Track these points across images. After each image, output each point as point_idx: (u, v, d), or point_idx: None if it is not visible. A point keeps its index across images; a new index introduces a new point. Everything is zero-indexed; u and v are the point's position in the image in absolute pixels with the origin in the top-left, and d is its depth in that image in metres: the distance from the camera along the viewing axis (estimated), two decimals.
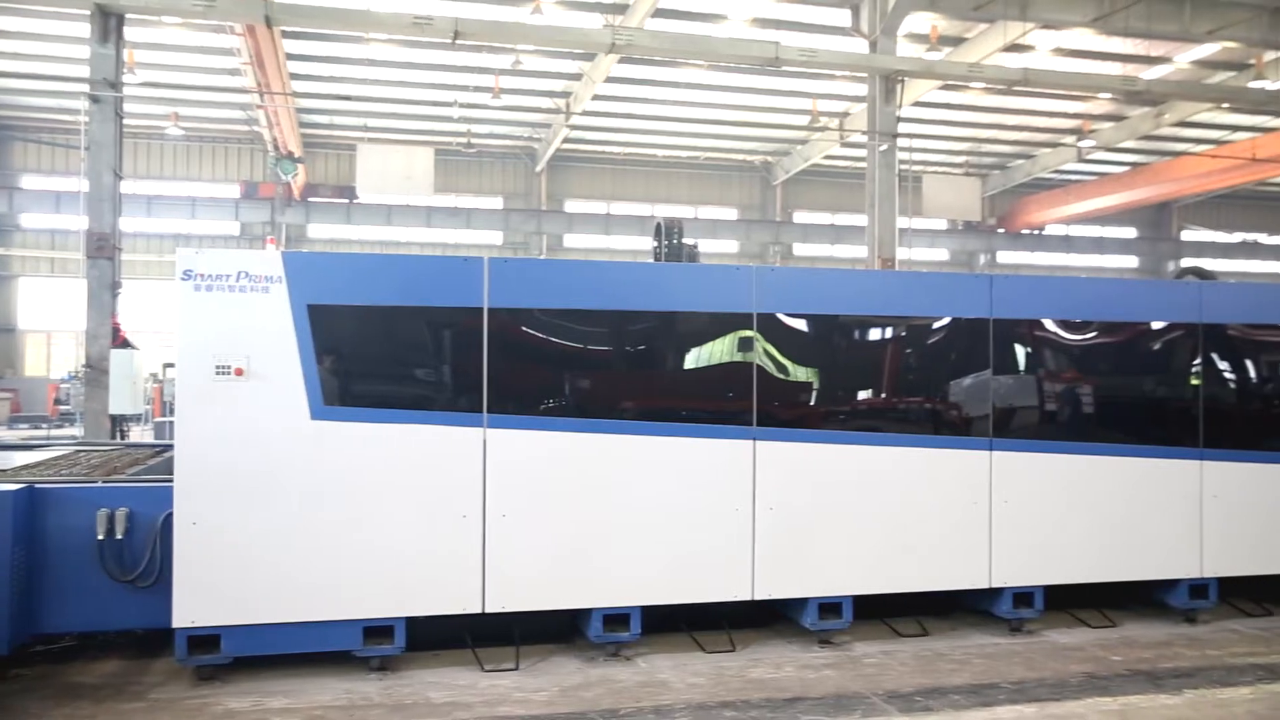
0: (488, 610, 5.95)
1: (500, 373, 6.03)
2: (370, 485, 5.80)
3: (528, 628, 6.28)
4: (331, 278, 5.88)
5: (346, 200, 26.79)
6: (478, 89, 21.75)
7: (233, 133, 26.85)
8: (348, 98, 23.28)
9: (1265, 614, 7.59)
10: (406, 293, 5.96)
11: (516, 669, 5.96)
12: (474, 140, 25.61)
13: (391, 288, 5.94)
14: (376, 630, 5.81)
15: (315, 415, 5.73)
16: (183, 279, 5.62)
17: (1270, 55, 18.67)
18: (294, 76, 21.23)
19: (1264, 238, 33.32)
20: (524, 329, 6.16)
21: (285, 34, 17.99)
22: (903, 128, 15.47)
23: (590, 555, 6.13)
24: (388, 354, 6.00)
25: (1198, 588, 7.27)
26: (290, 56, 19.83)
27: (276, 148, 24.34)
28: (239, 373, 5.62)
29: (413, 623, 5.89)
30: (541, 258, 26.69)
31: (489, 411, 5.99)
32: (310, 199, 27.08)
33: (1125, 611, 7.50)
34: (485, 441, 5.98)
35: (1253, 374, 7.59)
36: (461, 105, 22.87)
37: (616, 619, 6.17)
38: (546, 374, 6.26)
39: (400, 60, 20.53)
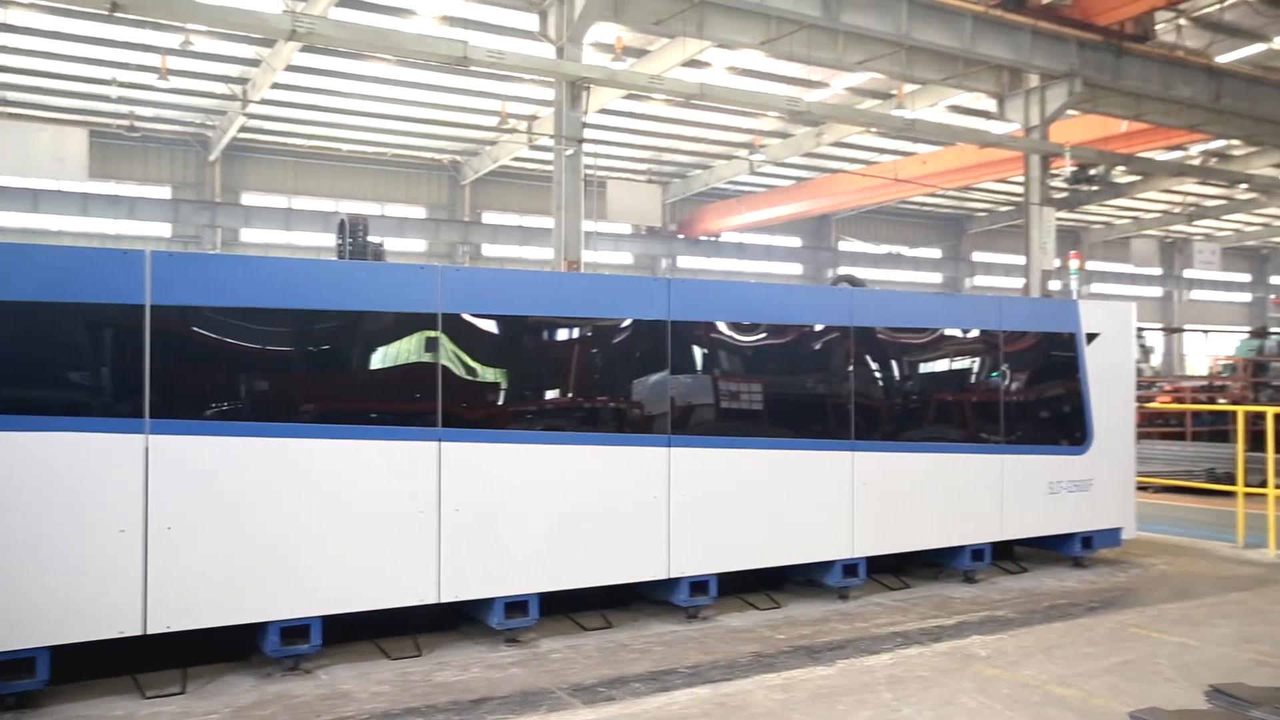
0: (150, 631, 5.51)
1: (166, 375, 5.60)
2: (5, 501, 5.19)
3: (204, 647, 5.88)
4: None
5: None
6: (142, 68, 20.01)
7: None
8: None
9: (904, 587, 8.48)
10: (53, 288, 5.39)
11: (183, 693, 5.56)
12: (137, 123, 23.53)
13: (35, 282, 5.35)
14: (12, 664, 5.20)
15: None
16: None
17: (909, 88, 20.88)
18: None
19: (905, 250, 37.18)
20: (193, 328, 5.76)
21: None
22: (589, 134, 15.90)
23: (267, 565, 5.82)
24: (29, 355, 5.38)
25: (850, 567, 7.99)
26: None
27: None
28: None
29: (61, 652, 5.34)
30: (215, 252, 25.00)
31: (152, 417, 5.54)
32: None
33: (788, 593, 8.13)
34: (147, 449, 5.53)
35: (895, 372, 8.45)
36: (121, 84, 20.95)
37: (297, 631, 5.91)
38: (219, 376, 5.88)
39: (46, 29, 18.49)
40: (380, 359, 6.37)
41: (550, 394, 7.03)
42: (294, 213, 27.40)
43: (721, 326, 7.58)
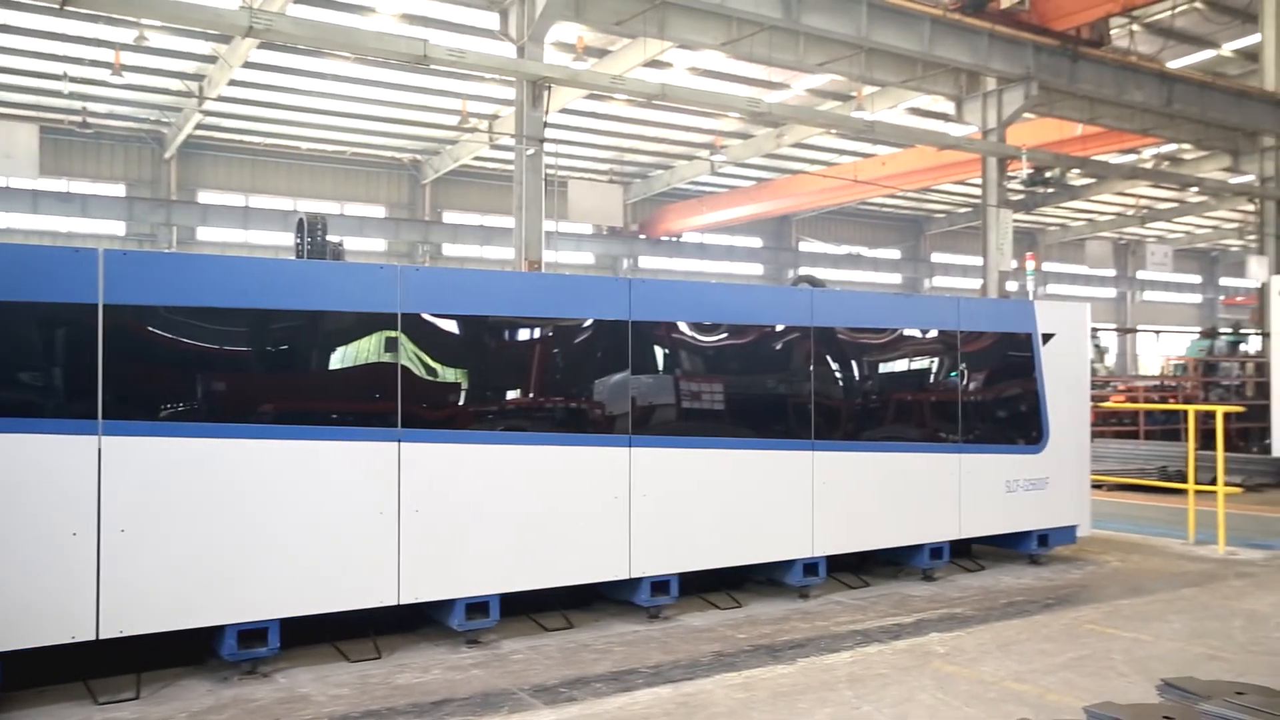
0: (103, 636, 5.41)
1: (120, 376, 5.51)
2: None
3: (159, 652, 5.79)
4: None
5: None
6: (95, 63, 19.70)
7: None
8: None
9: (864, 585, 8.54)
10: (2, 286, 5.27)
11: (138, 698, 5.47)
12: (91, 120, 23.16)
13: None
14: None
15: None
16: None
17: (868, 90, 21.04)
18: None
19: (865, 250, 37.48)
20: (148, 328, 5.67)
21: None
22: (550, 133, 15.85)
23: (224, 568, 5.74)
24: None
25: (810, 566, 8.03)
26: None
27: None
28: None
29: (11, 659, 5.23)
30: (170, 251, 24.64)
31: (105, 418, 5.45)
32: None
33: (749, 592, 8.15)
34: (100, 451, 5.44)
35: (855, 372, 8.50)
36: (73, 80, 20.60)
37: (254, 634, 5.84)
38: (174, 376, 5.79)
39: None
40: (339, 359, 6.31)
41: (511, 394, 7.00)
42: (251, 211, 27.12)
43: (683, 326, 7.59)
